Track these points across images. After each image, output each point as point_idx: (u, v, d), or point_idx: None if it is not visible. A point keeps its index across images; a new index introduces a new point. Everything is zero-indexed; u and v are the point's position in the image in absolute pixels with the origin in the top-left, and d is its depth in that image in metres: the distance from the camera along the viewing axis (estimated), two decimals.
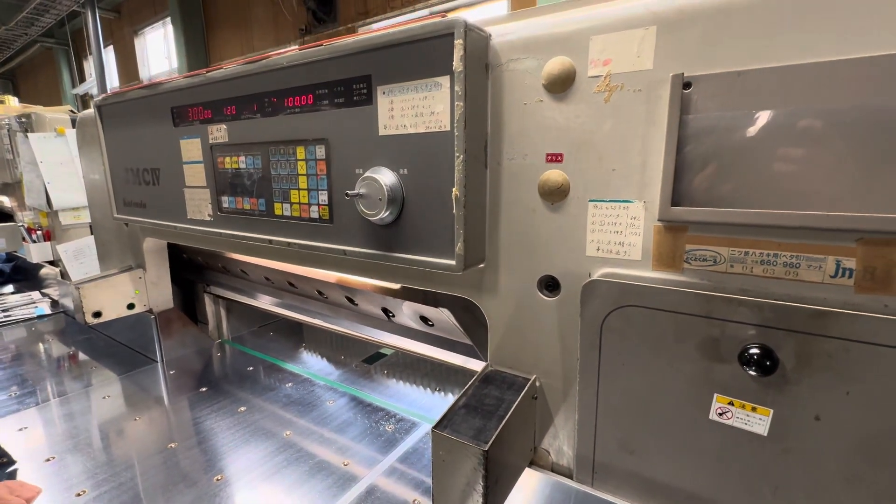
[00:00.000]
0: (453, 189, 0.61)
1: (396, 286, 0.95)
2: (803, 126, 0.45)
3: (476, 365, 1.07)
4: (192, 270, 1.61)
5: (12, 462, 0.99)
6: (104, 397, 1.28)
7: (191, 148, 0.97)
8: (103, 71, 3.25)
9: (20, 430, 1.12)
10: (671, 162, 0.51)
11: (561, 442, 0.68)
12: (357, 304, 1.14)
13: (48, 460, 1.00)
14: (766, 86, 0.46)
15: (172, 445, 1.05)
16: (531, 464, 0.71)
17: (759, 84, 0.46)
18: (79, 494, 0.90)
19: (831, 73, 0.43)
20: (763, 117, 0.46)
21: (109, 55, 12.03)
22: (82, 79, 13.04)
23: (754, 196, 0.48)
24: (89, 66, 11.69)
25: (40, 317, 1.94)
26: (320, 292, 1.21)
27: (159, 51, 10.97)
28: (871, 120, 0.42)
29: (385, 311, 1.09)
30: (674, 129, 0.50)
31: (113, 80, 11.61)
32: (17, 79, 16.92)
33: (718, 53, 0.49)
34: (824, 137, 0.44)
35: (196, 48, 9.62)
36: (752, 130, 0.47)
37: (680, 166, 0.51)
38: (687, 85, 0.50)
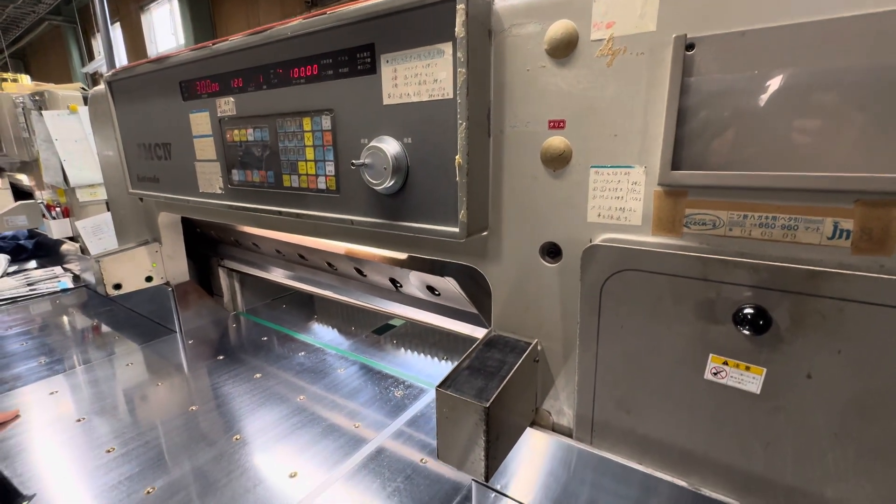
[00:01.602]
0: (456, 157, 0.61)
1: (403, 256, 0.97)
2: (805, 87, 0.45)
3: (482, 333, 1.10)
4: (206, 244, 1.65)
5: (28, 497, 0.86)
6: (127, 365, 1.34)
7: (200, 121, 0.99)
8: (111, 48, 3.22)
9: (51, 393, 1.19)
10: (672, 125, 0.51)
11: (561, 403, 0.71)
12: (365, 275, 1.17)
13: (79, 420, 1.06)
14: (770, 45, 0.45)
15: (193, 408, 1.10)
16: (533, 424, 0.74)
17: (763, 44, 0.46)
18: (108, 451, 0.96)
19: (835, 30, 0.43)
20: (765, 78, 0.46)
21: (117, 32, 11.96)
22: (91, 57, 13.03)
23: (754, 158, 0.48)
24: (98, 43, 11.66)
25: (63, 290, 2.02)
26: (330, 264, 1.24)
27: (166, 27, 10.87)
28: (874, 79, 0.42)
29: (393, 281, 1.11)
30: (675, 92, 0.50)
31: (121, 58, 11.59)
32: (28, 57, 16.97)
33: (722, 13, 0.48)
34: (826, 98, 0.44)
35: (202, 23, 9.52)
36: (754, 92, 0.47)
37: (681, 130, 0.51)
38: (690, 46, 0.49)
